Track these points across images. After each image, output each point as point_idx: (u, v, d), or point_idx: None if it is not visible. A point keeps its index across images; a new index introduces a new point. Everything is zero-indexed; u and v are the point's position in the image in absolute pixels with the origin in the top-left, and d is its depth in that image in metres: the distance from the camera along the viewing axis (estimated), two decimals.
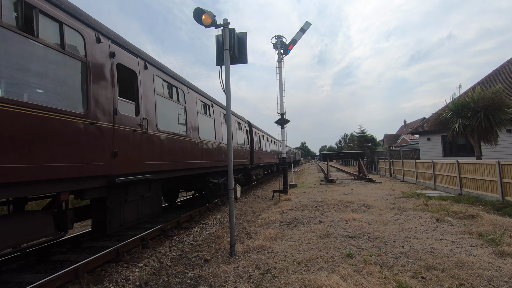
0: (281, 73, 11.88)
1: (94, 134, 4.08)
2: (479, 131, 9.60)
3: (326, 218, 6.45)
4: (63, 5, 3.79)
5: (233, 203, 4.74)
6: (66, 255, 5.04)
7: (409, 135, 40.09)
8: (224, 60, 4.79)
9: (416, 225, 5.60)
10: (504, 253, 3.88)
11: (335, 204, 8.19)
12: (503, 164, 7.66)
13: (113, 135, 4.49)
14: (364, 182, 15.13)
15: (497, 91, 9.65)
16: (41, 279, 3.65)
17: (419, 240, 4.64)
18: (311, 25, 12.28)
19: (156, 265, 4.64)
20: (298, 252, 4.30)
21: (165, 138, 6.02)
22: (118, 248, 4.91)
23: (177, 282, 3.91)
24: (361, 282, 3.16)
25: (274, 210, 8.04)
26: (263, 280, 3.45)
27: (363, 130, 34.60)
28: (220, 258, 4.60)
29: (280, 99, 11.84)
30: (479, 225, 5.32)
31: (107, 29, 4.67)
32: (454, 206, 7.20)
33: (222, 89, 4.88)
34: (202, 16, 4.63)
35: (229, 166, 4.81)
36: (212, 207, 9.80)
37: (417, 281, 3.19)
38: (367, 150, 28.95)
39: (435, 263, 3.61)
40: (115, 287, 3.86)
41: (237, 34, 5.09)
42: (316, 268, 3.66)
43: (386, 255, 4.01)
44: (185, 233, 6.61)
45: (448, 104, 11.31)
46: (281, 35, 11.82)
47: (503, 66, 15.71)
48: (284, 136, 12.01)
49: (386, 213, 6.92)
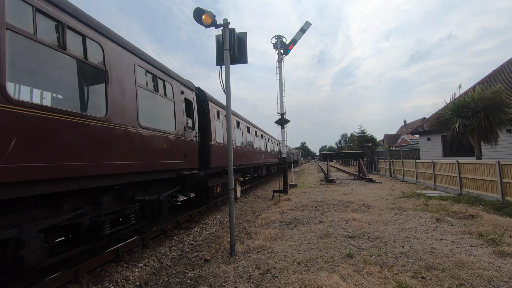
0: (281, 73, 11.88)
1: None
2: (479, 131, 9.60)
3: (326, 218, 6.45)
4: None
5: (233, 203, 4.74)
6: (66, 255, 5.04)
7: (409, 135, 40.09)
8: (224, 60, 4.79)
9: (416, 225, 5.60)
10: (504, 253, 3.88)
11: (335, 204, 8.19)
12: (503, 164, 7.66)
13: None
14: (364, 182, 15.13)
15: (497, 91, 9.65)
16: (41, 279, 3.66)
17: (419, 240, 4.64)
18: (311, 25, 12.28)
19: (156, 265, 4.64)
20: (298, 252, 4.30)
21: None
22: (118, 248, 4.91)
23: (177, 282, 3.91)
24: (361, 282, 3.16)
25: (274, 210, 8.04)
26: (263, 280, 3.46)
27: (363, 130, 34.63)
28: (220, 258, 4.60)
29: (280, 99, 11.84)
30: (479, 225, 5.31)
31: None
32: (454, 206, 7.20)
33: (222, 89, 4.88)
34: (202, 16, 4.63)
35: (229, 166, 4.81)
36: (212, 207, 9.80)
37: (417, 281, 3.19)
38: (367, 150, 28.95)
39: (435, 263, 3.61)
40: (115, 287, 3.86)
41: (237, 34, 5.09)
42: (316, 268, 3.66)
43: (386, 255, 4.01)
44: (185, 233, 6.61)
45: (448, 104, 11.30)
46: (281, 35, 11.82)
47: (503, 66, 15.71)
48: (284, 136, 12.02)
49: (386, 213, 6.92)
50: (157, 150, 5.49)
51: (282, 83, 11.84)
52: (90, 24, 4.14)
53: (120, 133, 4.49)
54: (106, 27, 4.62)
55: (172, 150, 6.08)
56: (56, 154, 3.36)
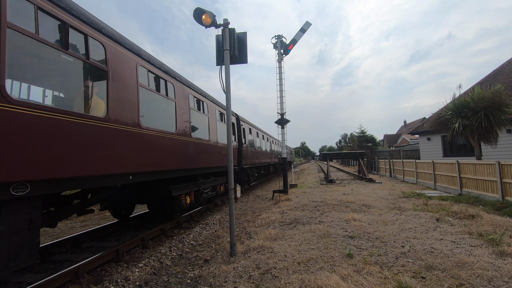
0: (281, 73, 11.89)
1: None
2: (479, 131, 9.60)
3: (326, 218, 6.45)
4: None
5: (233, 203, 4.74)
6: (66, 255, 5.04)
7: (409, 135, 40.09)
8: (224, 60, 4.79)
9: (416, 225, 5.60)
10: (504, 253, 3.88)
11: (335, 204, 8.19)
12: (503, 164, 7.66)
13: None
14: (364, 182, 15.13)
15: (497, 91, 9.65)
16: (41, 279, 3.66)
17: (419, 240, 4.64)
18: (311, 25, 12.28)
19: (156, 265, 4.64)
20: (298, 252, 4.30)
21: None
22: (118, 248, 4.91)
23: (177, 282, 3.91)
24: (361, 282, 3.16)
25: (274, 210, 8.04)
26: (263, 280, 3.45)
27: (363, 130, 34.59)
28: (220, 258, 4.60)
29: (280, 99, 11.84)
30: (479, 225, 5.31)
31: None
32: (454, 206, 7.20)
33: (222, 89, 4.88)
34: (202, 16, 4.63)
35: (229, 166, 4.81)
36: (212, 207, 9.81)
37: (417, 281, 3.19)
38: (367, 150, 28.95)
39: (435, 263, 3.61)
40: (115, 287, 3.86)
41: (237, 34, 5.09)
42: (316, 268, 3.66)
43: (386, 255, 4.01)
44: (185, 233, 6.61)
45: (448, 104, 11.30)
46: (281, 35, 11.82)
47: (503, 66, 15.71)
48: (284, 136, 12.02)
49: (386, 213, 6.92)
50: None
51: (282, 83, 11.85)
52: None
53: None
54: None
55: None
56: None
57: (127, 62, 4.80)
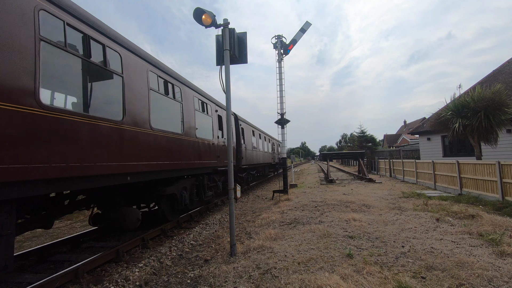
0: (281, 73, 11.88)
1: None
2: (479, 131, 9.60)
3: (326, 218, 6.45)
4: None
5: (233, 203, 4.74)
6: (66, 255, 5.04)
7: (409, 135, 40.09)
8: (224, 60, 4.79)
9: (416, 225, 5.60)
10: (504, 253, 3.87)
11: (335, 204, 8.19)
12: (503, 164, 7.66)
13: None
14: (364, 182, 15.12)
15: (497, 91, 9.65)
16: (41, 279, 3.66)
17: (419, 240, 4.64)
18: (311, 25, 12.28)
19: (156, 265, 4.64)
20: (298, 252, 4.30)
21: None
22: (118, 248, 4.91)
23: (177, 282, 3.91)
24: (361, 282, 3.16)
25: (274, 210, 8.04)
26: (263, 280, 3.45)
27: (363, 130, 34.62)
28: (220, 258, 4.60)
29: (280, 99, 11.84)
30: (479, 225, 5.31)
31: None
32: (454, 206, 7.20)
33: (222, 89, 4.88)
34: (202, 16, 4.63)
35: (229, 166, 4.81)
36: (212, 207, 9.81)
37: (417, 281, 3.19)
38: (367, 150, 28.96)
39: (435, 263, 3.61)
40: (115, 287, 3.86)
41: (237, 34, 5.09)
42: (316, 268, 3.66)
43: (386, 255, 4.01)
44: (185, 233, 6.61)
45: (448, 104, 11.30)
46: (281, 35, 11.82)
47: (503, 66, 15.71)
48: (284, 136, 12.02)
49: (386, 213, 6.91)
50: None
51: (282, 83, 11.85)
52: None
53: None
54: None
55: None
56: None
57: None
